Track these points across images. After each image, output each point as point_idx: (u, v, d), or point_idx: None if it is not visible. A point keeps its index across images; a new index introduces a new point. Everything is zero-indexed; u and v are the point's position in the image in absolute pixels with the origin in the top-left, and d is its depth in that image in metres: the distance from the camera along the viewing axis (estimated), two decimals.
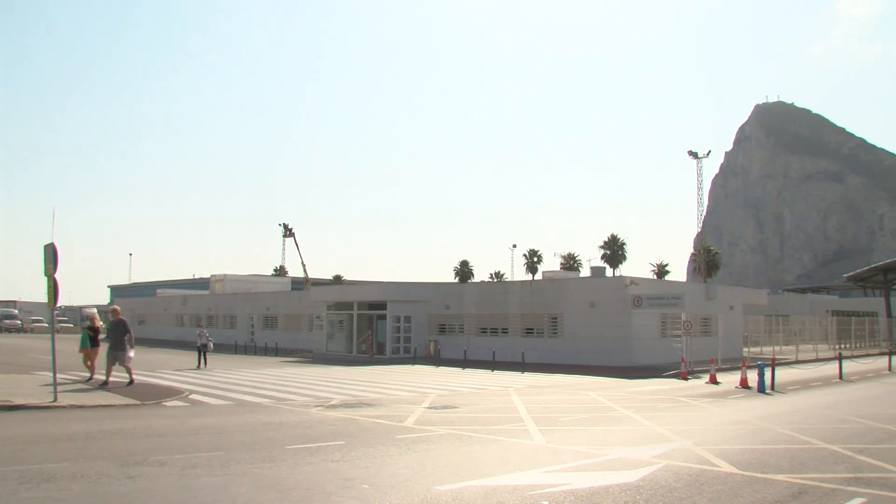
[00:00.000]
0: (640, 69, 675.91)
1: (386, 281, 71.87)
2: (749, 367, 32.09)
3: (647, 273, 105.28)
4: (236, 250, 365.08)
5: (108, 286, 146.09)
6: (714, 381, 32.67)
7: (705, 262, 60.74)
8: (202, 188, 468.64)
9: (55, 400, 21.22)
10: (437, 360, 48.28)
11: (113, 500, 10.47)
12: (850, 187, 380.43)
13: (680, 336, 39.39)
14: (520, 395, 26.83)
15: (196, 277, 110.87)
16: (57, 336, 23.54)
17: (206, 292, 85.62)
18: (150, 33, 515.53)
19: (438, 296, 54.13)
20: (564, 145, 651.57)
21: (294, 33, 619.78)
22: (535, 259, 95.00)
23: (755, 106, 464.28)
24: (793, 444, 16.13)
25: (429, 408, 22.71)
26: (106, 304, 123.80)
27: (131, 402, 22.56)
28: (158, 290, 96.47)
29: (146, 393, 25.02)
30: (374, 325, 53.72)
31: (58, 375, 22.67)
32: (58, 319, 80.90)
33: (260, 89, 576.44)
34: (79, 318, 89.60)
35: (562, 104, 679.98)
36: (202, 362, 39.57)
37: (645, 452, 14.72)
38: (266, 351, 58.05)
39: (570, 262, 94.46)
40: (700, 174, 64.95)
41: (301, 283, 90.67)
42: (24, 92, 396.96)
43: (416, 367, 43.78)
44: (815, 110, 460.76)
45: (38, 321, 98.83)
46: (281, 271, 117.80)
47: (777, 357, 41.91)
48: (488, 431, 17.63)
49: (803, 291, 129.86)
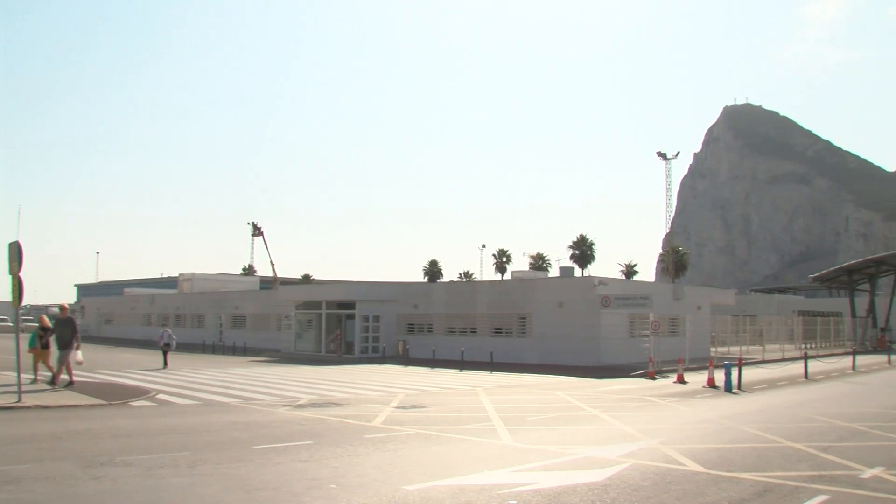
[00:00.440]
0: (610, 70, 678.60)
1: (355, 280, 71.84)
2: (716, 367, 32.29)
3: (616, 273, 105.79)
4: (205, 249, 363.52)
5: (75, 285, 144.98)
6: (681, 380, 32.85)
7: (673, 262, 61.10)
8: (171, 186, 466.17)
9: (19, 400, 21.02)
10: (405, 359, 48.30)
11: (78, 501, 10.39)
12: (816, 189, 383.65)
13: (648, 336, 39.56)
14: (488, 395, 26.86)
15: (164, 276, 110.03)
16: (22, 335, 23.26)
17: (175, 291, 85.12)
18: (120, 29, 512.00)
19: (407, 295, 54.08)
20: (534, 146, 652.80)
21: (267, 32, 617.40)
22: (505, 259, 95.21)
23: (724, 108, 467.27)
24: (758, 442, 16.27)
25: (397, 407, 22.70)
26: (73, 302, 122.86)
27: (97, 402, 22.40)
28: (126, 289, 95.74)
29: (112, 393, 24.86)
30: (342, 325, 53.60)
31: (22, 375, 22.43)
32: (23, 319, 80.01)
33: (230, 87, 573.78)
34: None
35: (532, 105, 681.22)
36: (165, 362, 39.26)
37: (612, 452, 14.78)
38: (234, 350, 57.76)
39: (540, 263, 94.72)
40: (669, 175, 65.58)
41: (270, 283, 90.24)
42: None
43: (385, 366, 43.74)
44: (782, 113, 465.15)
45: (3, 320, 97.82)
46: (250, 270, 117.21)
47: (744, 357, 42.18)
48: (456, 431, 17.64)
49: (770, 292, 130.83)
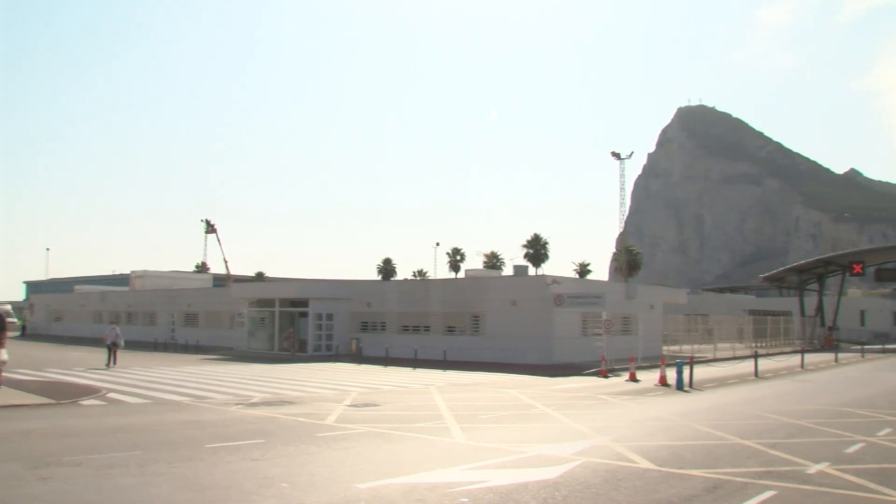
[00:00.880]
0: (566, 71, 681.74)
1: (308, 278, 71.34)
2: (668, 365, 32.54)
3: (570, 272, 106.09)
4: (158, 246, 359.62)
5: (24, 282, 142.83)
6: (634, 378, 33.09)
7: (627, 261, 61.49)
8: (124, 182, 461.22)
9: None
10: (358, 357, 48.18)
11: (24, 502, 10.29)
12: (767, 190, 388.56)
13: (601, 334, 39.77)
14: (441, 393, 26.89)
15: (116, 273, 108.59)
16: None
17: (126, 289, 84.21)
18: (72, 23, 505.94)
19: (361, 293, 53.94)
20: (490, 145, 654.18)
21: (222, 26, 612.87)
22: (459, 258, 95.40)
23: (678, 109, 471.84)
24: (709, 439, 16.45)
25: (350, 406, 22.67)
26: (21, 300, 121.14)
27: (45, 401, 22.15)
28: (76, 287, 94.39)
29: (61, 392, 24.57)
30: (295, 323, 53.35)
31: None
32: None
33: (184, 83, 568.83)
34: None
35: (487, 104, 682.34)
36: (112, 361, 38.77)
37: (564, 449, 14.88)
38: (187, 348, 57.36)
39: (493, 261, 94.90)
40: (623, 175, 65.74)
41: (223, 280, 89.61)
42: None
43: (338, 364, 43.61)
44: (735, 114, 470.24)
45: None
46: (203, 268, 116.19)
47: (695, 355, 42.52)
48: (409, 429, 17.66)
49: (722, 291, 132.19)
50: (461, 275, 66.29)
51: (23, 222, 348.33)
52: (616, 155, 62.62)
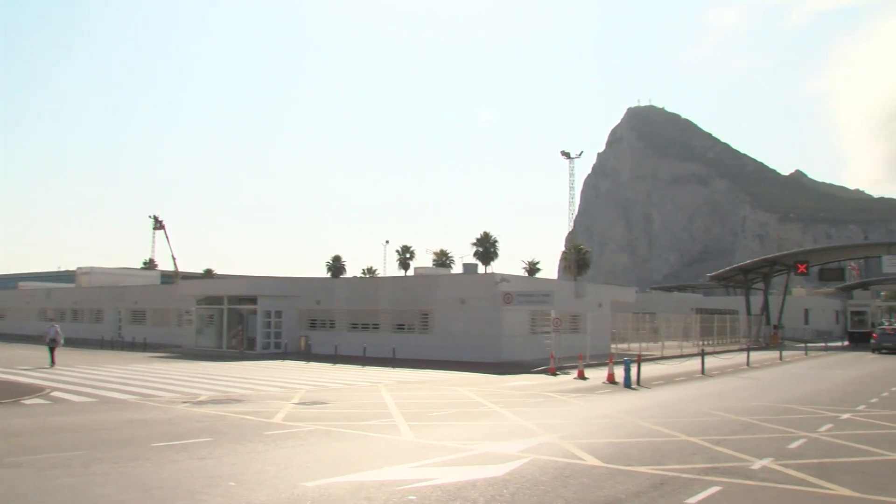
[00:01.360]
0: (517, 70, 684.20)
1: (257, 275, 70.98)
2: (616, 363, 32.72)
3: (519, 271, 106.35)
4: (105, 243, 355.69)
5: None
6: (582, 376, 33.29)
7: (575, 260, 61.82)
8: (70, 178, 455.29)
9: None
10: (307, 355, 48.01)
11: None
12: (714, 190, 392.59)
13: (549, 332, 39.94)
14: (390, 391, 26.87)
15: (61, 270, 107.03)
16: None
17: (72, 285, 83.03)
18: (18, 22, 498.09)
19: (310, 291, 53.70)
20: (440, 143, 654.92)
21: (171, 25, 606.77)
22: (408, 255, 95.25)
23: (627, 109, 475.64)
24: (655, 436, 16.60)
25: (298, 404, 22.59)
26: None
27: None
28: (20, 283, 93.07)
29: (2, 391, 24.23)
30: (244, 320, 53.05)
31: None
32: None
33: (132, 78, 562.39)
34: None
35: (439, 102, 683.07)
36: (51, 359, 38.06)
37: (512, 447, 14.93)
38: (134, 346, 56.71)
39: (443, 259, 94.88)
40: (572, 174, 66.02)
41: (171, 277, 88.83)
42: None
43: (287, 362, 43.40)
44: (684, 115, 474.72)
45: None
46: (150, 265, 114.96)
47: (643, 353, 42.93)
48: (357, 427, 17.63)
49: (669, 290, 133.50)
50: (411, 273, 66.19)
51: None
52: (566, 154, 62.92)
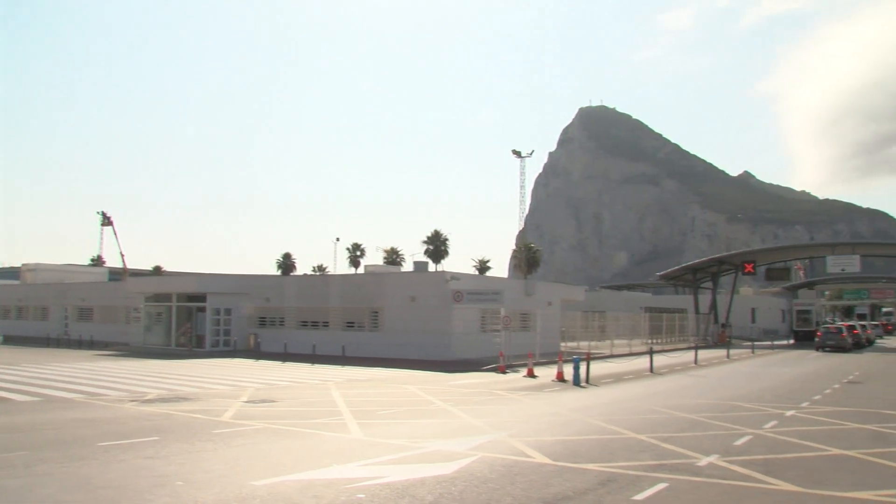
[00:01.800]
0: (469, 68, 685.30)
1: (206, 272, 70.25)
2: (565, 361, 32.92)
3: (470, 269, 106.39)
4: (51, 239, 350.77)
5: None
6: (531, 374, 33.41)
7: (526, 259, 61.83)
8: (16, 173, 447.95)
9: None
10: (257, 353, 47.75)
11: None
12: (664, 191, 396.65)
13: (499, 331, 40.06)
14: (339, 389, 26.81)
15: (5, 266, 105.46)
16: None
17: (17, 282, 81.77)
18: None
19: (259, 288, 53.37)
20: (391, 141, 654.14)
21: (121, 15, 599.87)
22: (359, 253, 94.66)
23: (579, 109, 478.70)
24: (603, 434, 16.74)
25: (247, 402, 22.47)
26: None
27: None
28: None
29: None
30: (193, 318, 52.65)
31: None
32: None
33: (80, 69, 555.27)
34: None
35: (390, 99, 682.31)
36: None
37: (461, 445, 14.99)
38: (80, 344, 55.96)
39: (393, 257, 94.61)
40: (523, 173, 66.01)
41: (119, 274, 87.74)
42: None
43: (236, 360, 43.10)
44: (635, 116, 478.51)
45: None
46: (98, 261, 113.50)
47: (592, 351, 43.15)
48: (306, 425, 17.59)
49: (619, 289, 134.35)
50: (361, 270, 65.81)
51: None
52: (517, 153, 62.95)
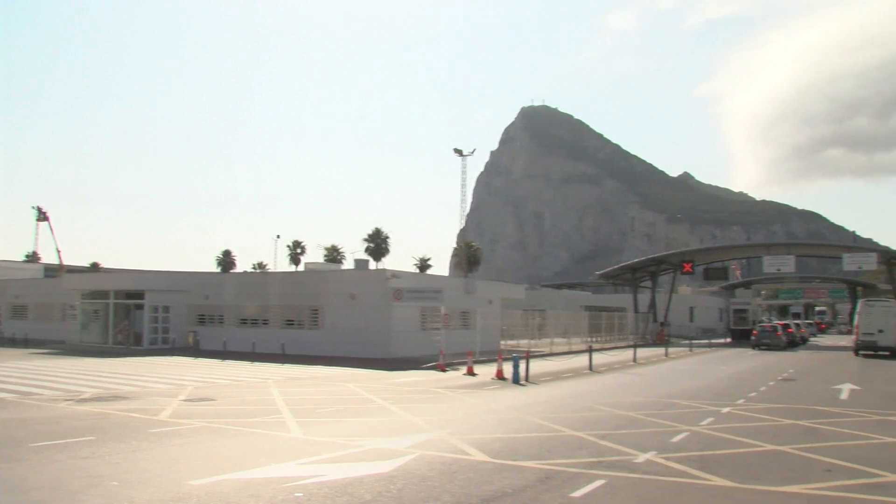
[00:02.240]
0: (413, 66, 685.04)
1: (145, 269, 69.54)
2: (505, 360, 32.96)
3: (411, 267, 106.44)
4: None
5: None
6: (471, 372, 33.49)
7: (466, 257, 62.03)
8: None
9: None
10: (196, 351, 47.32)
11: None
12: (605, 190, 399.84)
13: (439, 329, 40.14)
14: (278, 387, 26.69)
15: None
16: None
17: None
18: None
19: (198, 286, 52.96)
20: (333, 138, 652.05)
21: (52, 9, 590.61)
22: (299, 250, 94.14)
23: (521, 108, 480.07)
24: (542, 432, 16.84)
25: (185, 400, 22.28)
26: None
27: None
28: None
29: None
30: (131, 315, 52.08)
31: None
32: None
33: (15, 63, 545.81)
34: None
35: (331, 97, 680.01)
36: None
37: (400, 443, 15.00)
38: (14, 342, 55.10)
39: (334, 255, 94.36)
40: (464, 172, 66.17)
41: (55, 271, 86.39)
42: None
43: (175, 358, 42.66)
44: (577, 116, 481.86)
45: None
46: (33, 257, 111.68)
47: (532, 350, 43.31)
48: (245, 424, 17.50)
49: (559, 287, 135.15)
50: (301, 268, 65.51)
51: None
52: (458, 152, 63.04)
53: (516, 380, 29.79)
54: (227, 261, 73.96)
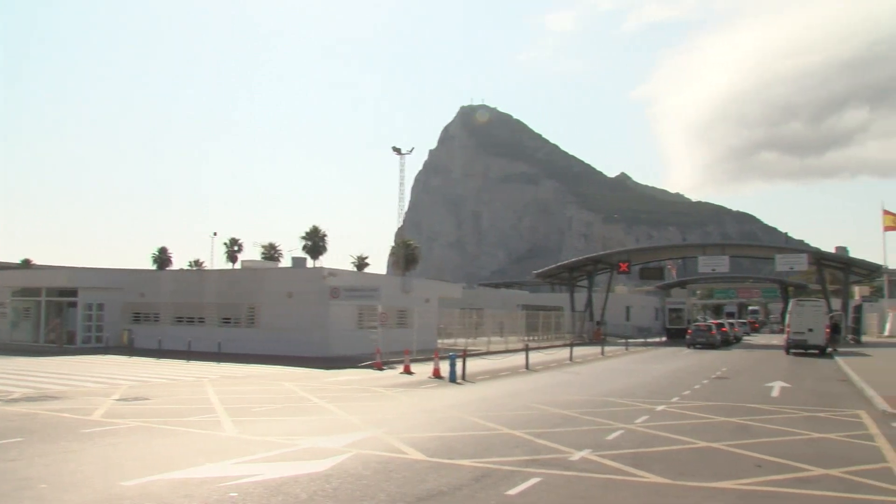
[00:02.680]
0: (353, 63, 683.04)
1: (78, 266, 68.49)
2: (442, 358, 33.03)
3: (349, 265, 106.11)
4: None
5: None
6: (408, 371, 33.48)
7: (404, 255, 61.94)
8: None
9: None
10: (130, 349, 46.67)
11: None
12: (543, 190, 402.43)
13: (376, 327, 40.12)
14: (214, 386, 26.48)
15: None
16: None
17: None
18: None
19: (133, 283, 52.39)
20: (271, 135, 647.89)
21: None
22: (236, 248, 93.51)
23: (460, 108, 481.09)
24: (478, 430, 16.89)
25: (119, 400, 22.00)
26: None
27: None
28: None
29: None
30: (64, 313, 51.32)
31: None
32: None
33: None
34: None
35: (270, 93, 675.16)
36: None
37: (336, 442, 14.96)
38: None
39: (271, 253, 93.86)
40: (402, 170, 66.11)
41: None
42: None
43: (108, 357, 42.14)
44: (516, 116, 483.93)
45: None
46: None
47: (469, 348, 43.48)
48: (180, 423, 17.34)
49: (497, 286, 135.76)
50: (238, 266, 65.12)
51: None
52: (397, 150, 62.93)
53: (453, 378, 29.82)
54: (162, 258, 73.17)
